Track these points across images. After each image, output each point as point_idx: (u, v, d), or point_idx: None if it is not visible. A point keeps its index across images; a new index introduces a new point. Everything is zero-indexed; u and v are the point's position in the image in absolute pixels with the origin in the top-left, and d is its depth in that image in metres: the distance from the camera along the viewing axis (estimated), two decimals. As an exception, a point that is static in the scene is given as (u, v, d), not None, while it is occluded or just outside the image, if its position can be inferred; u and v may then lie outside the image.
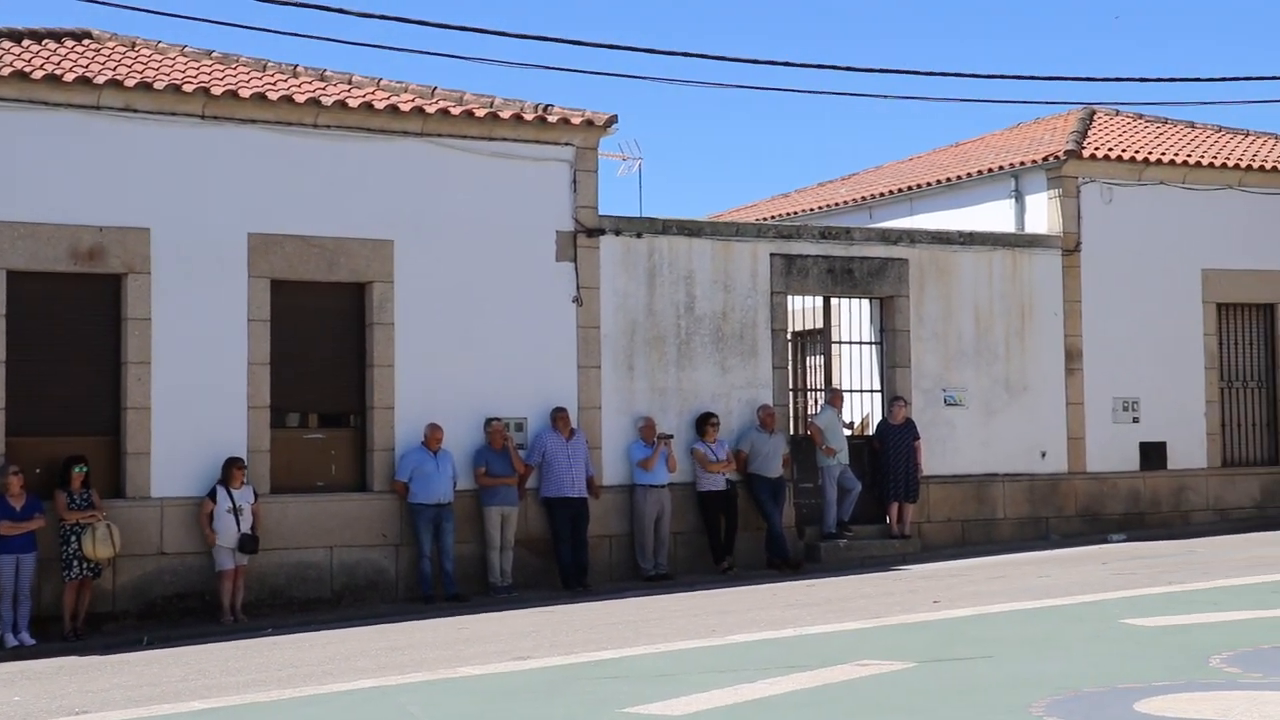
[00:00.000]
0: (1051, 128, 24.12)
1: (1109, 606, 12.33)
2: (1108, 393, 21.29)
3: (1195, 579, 14.29)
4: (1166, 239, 21.75)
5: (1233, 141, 24.02)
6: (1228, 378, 22.28)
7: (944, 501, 20.18)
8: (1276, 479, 22.33)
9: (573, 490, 17.45)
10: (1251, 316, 22.50)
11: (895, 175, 25.87)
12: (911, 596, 14.49)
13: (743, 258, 19.17)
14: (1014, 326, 20.76)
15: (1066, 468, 20.98)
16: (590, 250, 18.20)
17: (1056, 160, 21.19)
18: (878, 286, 20.03)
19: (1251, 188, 22.32)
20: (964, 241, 20.58)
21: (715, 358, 18.89)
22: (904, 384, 20.02)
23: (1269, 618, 11.13)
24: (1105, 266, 21.32)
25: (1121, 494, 21.34)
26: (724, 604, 14.91)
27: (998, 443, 20.56)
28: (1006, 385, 20.65)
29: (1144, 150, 22.10)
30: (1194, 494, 21.81)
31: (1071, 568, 16.51)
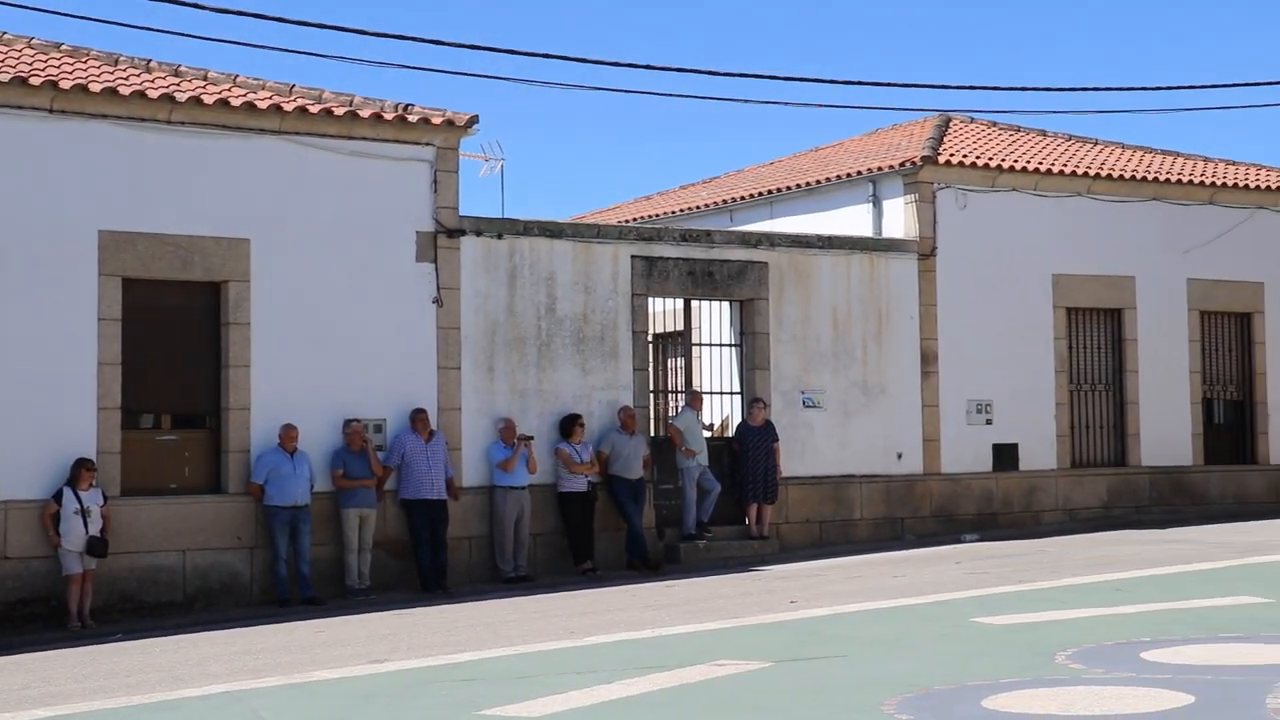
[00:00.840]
0: (908, 134, 24.51)
1: (960, 605, 12.54)
2: (962, 395, 21.68)
3: (1044, 578, 14.59)
4: (1019, 244, 22.21)
5: (1082, 149, 24.60)
6: (1077, 381, 22.81)
7: (802, 502, 20.40)
8: (1123, 480, 22.91)
9: (432, 492, 17.34)
10: (1100, 321, 23.06)
11: (756, 179, 26.09)
12: (769, 597, 14.62)
13: (604, 259, 19.20)
14: (871, 329, 21.05)
15: (922, 469, 21.33)
16: (451, 251, 18.10)
17: (913, 166, 21.53)
18: (738, 289, 20.18)
19: (1100, 195, 22.88)
20: (823, 245, 20.82)
21: (576, 359, 18.90)
22: (763, 386, 20.20)
23: (1112, 615, 11.41)
24: (960, 271, 21.71)
25: (975, 495, 21.74)
26: (583, 605, 14.91)
27: (855, 444, 20.83)
28: (864, 387, 20.93)
29: (997, 157, 22.54)
30: (1044, 494, 22.29)
31: (926, 567, 16.78)
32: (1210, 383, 23.86)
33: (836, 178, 22.67)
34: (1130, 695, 8.06)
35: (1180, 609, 11.60)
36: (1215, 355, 23.93)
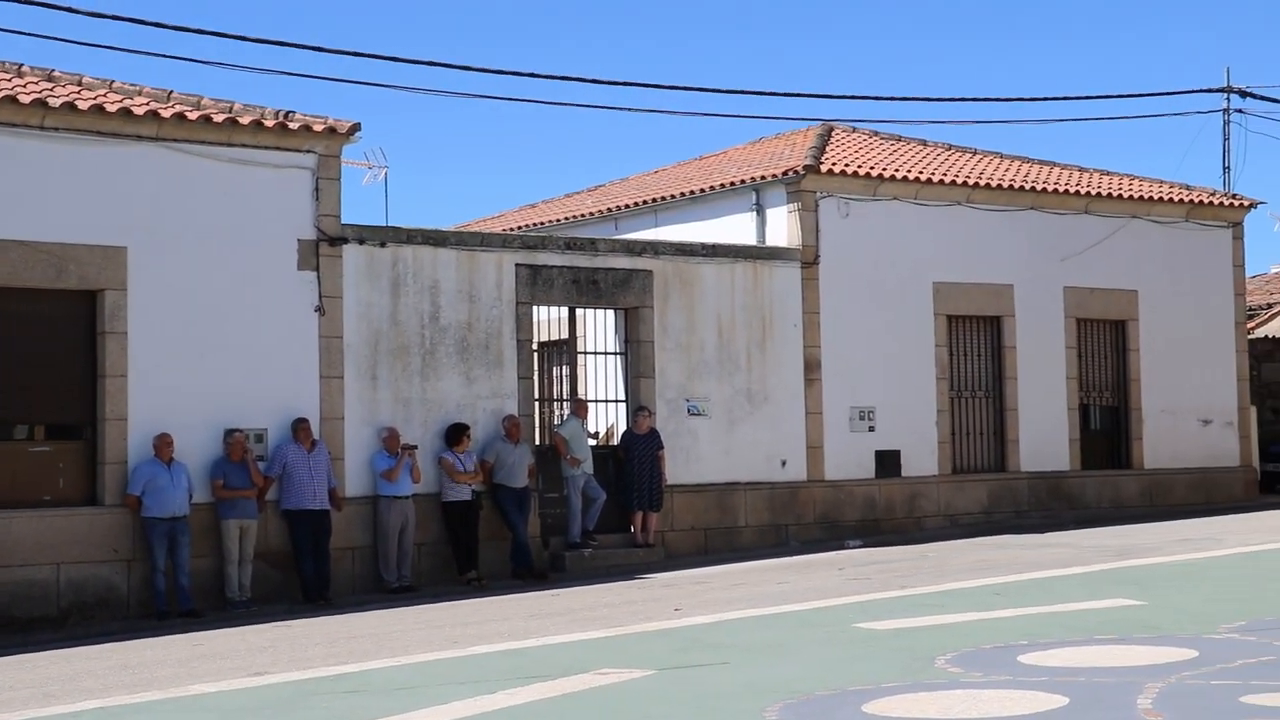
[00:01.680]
0: (792, 143, 24.71)
1: (843, 611, 12.64)
2: (845, 402, 21.87)
3: (925, 583, 14.76)
4: (900, 252, 22.47)
5: (962, 159, 24.96)
6: (957, 387, 23.12)
7: (687, 510, 20.45)
8: (1003, 485, 23.26)
9: (314, 502, 17.15)
10: (980, 328, 23.39)
11: (641, 187, 26.15)
12: (654, 605, 14.64)
13: (488, 268, 19.12)
14: (755, 337, 21.17)
15: (806, 476, 21.49)
16: (333, 259, 17.92)
17: (795, 175, 21.69)
18: (623, 297, 20.20)
19: (979, 204, 23.22)
20: (707, 253, 20.90)
21: (460, 368, 18.80)
22: (648, 394, 20.23)
23: (991, 619, 11.56)
24: (842, 279, 21.91)
25: (858, 501, 21.94)
26: (467, 615, 14.82)
27: (740, 452, 20.94)
28: (748, 395, 21.04)
29: (879, 167, 22.79)
30: (926, 500, 22.56)
31: (809, 574, 16.89)
32: (1087, 389, 24.31)
33: (721, 186, 22.80)
34: (1007, 698, 8.17)
35: (1057, 612, 11.79)
36: (1091, 362, 24.39)
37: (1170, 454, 24.68)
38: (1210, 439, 25.08)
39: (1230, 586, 13.07)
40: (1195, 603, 11.94)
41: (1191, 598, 12.30)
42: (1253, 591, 12.59)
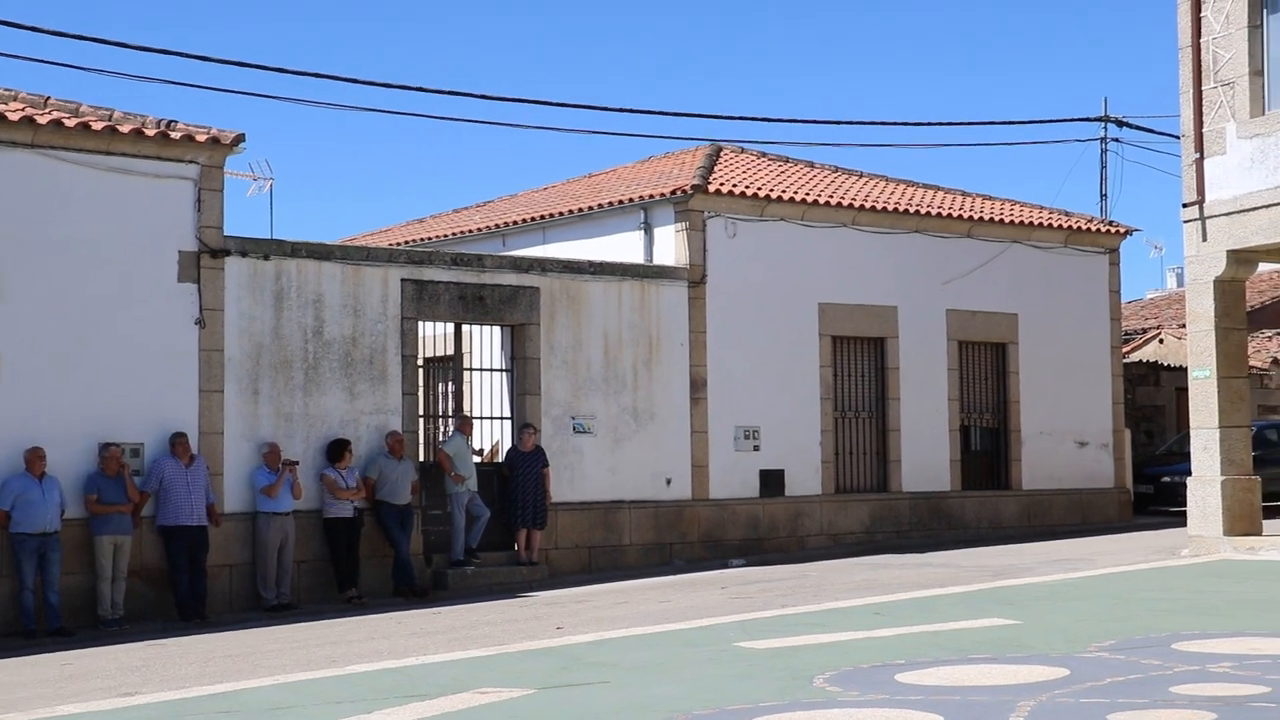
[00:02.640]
0: (680, 162, 24.80)
1: (724, 630, 12.64)
2: (730, 421, 21.96)
3: (806, 602, 14.83)
4: (786, 273, 22.62)
5: (849, 182, 25.21)
6: (841, 408, 23.31)
7: (572, 528, 20.40)
8: (885, 505, 23.48)
9: (191, 518, 16.86)
10: (864, 349, 23.62)
11: (529, 204, 26.10)
12: (536, 623, 14.57)
13: (374, 282, 18.96)
14: (642, 356, 21.19)
15: (690, 495, 21.54)
16: (215, 271, 17.66)
17: (684, 194, 21.77)
18: (509, 314, 20.13)
19: (865, 226, 23.45)
20: (594, 271, 20.90)
21: (344, 383, 18.61)
22: (534, 411, 20.17)
23: (870, 638, 11.64)
24: (729, 299, 22.01)
25: (742, 520, 22.03)
26: (346, 633, 14.64)
27: (625, 470, 20.93)
28: (634, 414, 21.05)
29: (766, 187, 22.95)
30: (809, 520, 22.70)
31: (692, 593, 16.91)
32: (968, 411, 24.63)
33: (609, 205, 22.81)
34: (883, 717, 8.22)
35: (934, 631, 11.89)
36: (972, 384, 24.72)
37: (1048, 475, 25.08)
38: (1086, 461, 25.53)
39: (1102, 606, 13.28)
40: (1068, 622, 12.11)
41: (1064, 617, 12.48)
42: (1123, 611, 12.80)
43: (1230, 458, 18.47)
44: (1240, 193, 18.30)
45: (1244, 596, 13.64)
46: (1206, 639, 10.54)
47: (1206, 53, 18.74)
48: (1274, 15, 18.22)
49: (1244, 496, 18.46)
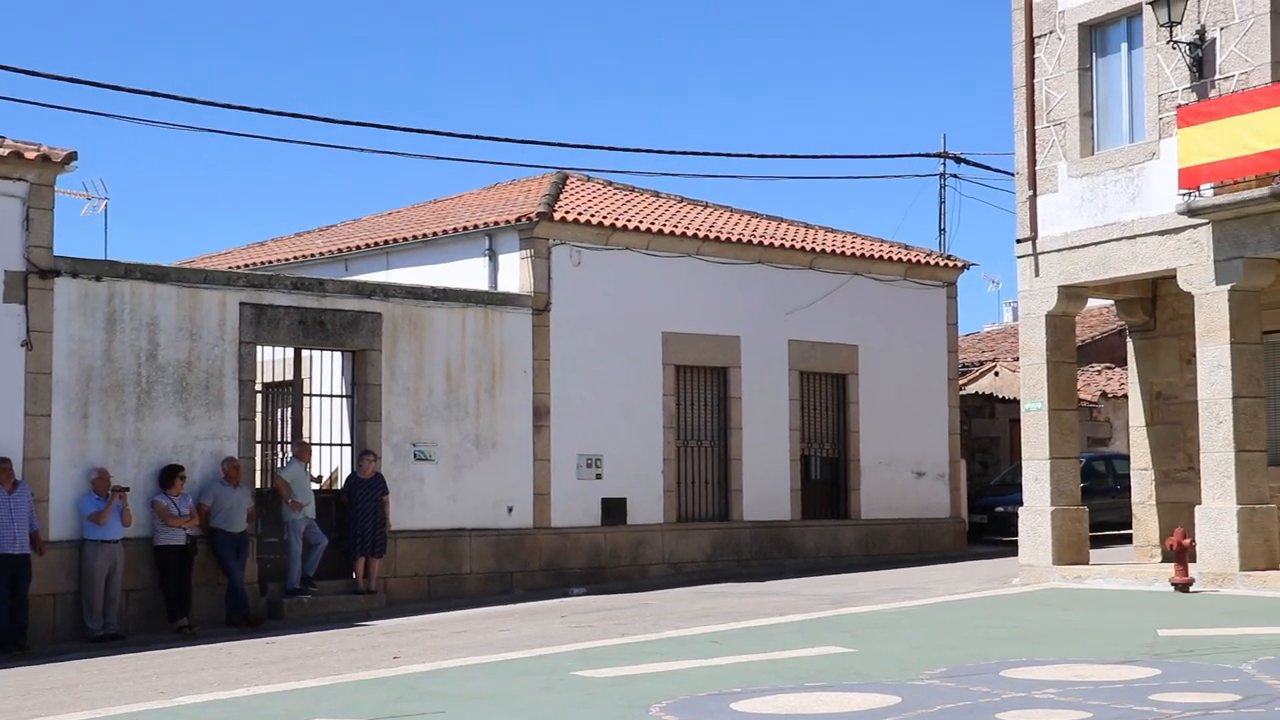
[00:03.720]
0: (526, 190, 24.76)
1: (563, 659, 12.59)
2: (573, 449, 21.93)
3: (646, 631, 14.84)
4: (631, 302, 22.68)
5: (693, 212, 25.38)
6: (684, 437, 23.41)
7: (411, 556, 20.18)
8: (726, 534, 23.60)
9: (13, 546, 16.33)
10: (707, 378, 23.75)
11: (373, 229, 25.85)
12: (373, 652, 14.36)
13: (211, 306, 18.60)
14: (485, 383, 21.07)
15: (532, 523, 21.44)
16: (43, 292, 17.18)
17: (529, 222, 21.73)
18: (350, 339, 19.89)
19: (709, 256, 23.61)
20: (438, 297, 20.75)
21: (179, 408, 18.21)
22: (374, 438, 19.93)
23: (708, 666, 11.67)
24: (574, 327, 22.00)
25: (584, 548, 21.99)
26: (176, 664, 14.29)
27: (466, 498, 20.78)
28: (476, 441, 20.92)
29: (611, 216, 23.00)
30: (651, 548, 22.74)
31: (532, 621, 16.82)
32: (808, 440, 24.88)
33: (454, 230, 22.67)
34: (717, 745, 8.22)
35: (772, 659, 11.96)
36: (813, 414, 24.99)
37: (886, 505, 25.43)
38: (923, 491, 25.94)
39: (935, 634, 13.48)
40: (902, 650, 12.26)
41: (899, 645, 12.64)
42: (955, 639, 13.00)
43: (1060, 488, 18.90)
44: (1071, 230, 18.78)
45: (1070, 624, 13.95)
46: (1034, 666, 10.75)
47: (1040, 93, 19.23)
48: (1103, 58, 18.77)
49: (1072, 526, 18.89)
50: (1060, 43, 18.96)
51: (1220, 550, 16.73)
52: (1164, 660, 10.90)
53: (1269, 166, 16.12)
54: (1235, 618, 13.72)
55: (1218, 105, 16.65)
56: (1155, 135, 17.81)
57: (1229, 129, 16.35)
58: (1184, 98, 17.37)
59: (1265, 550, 16.76)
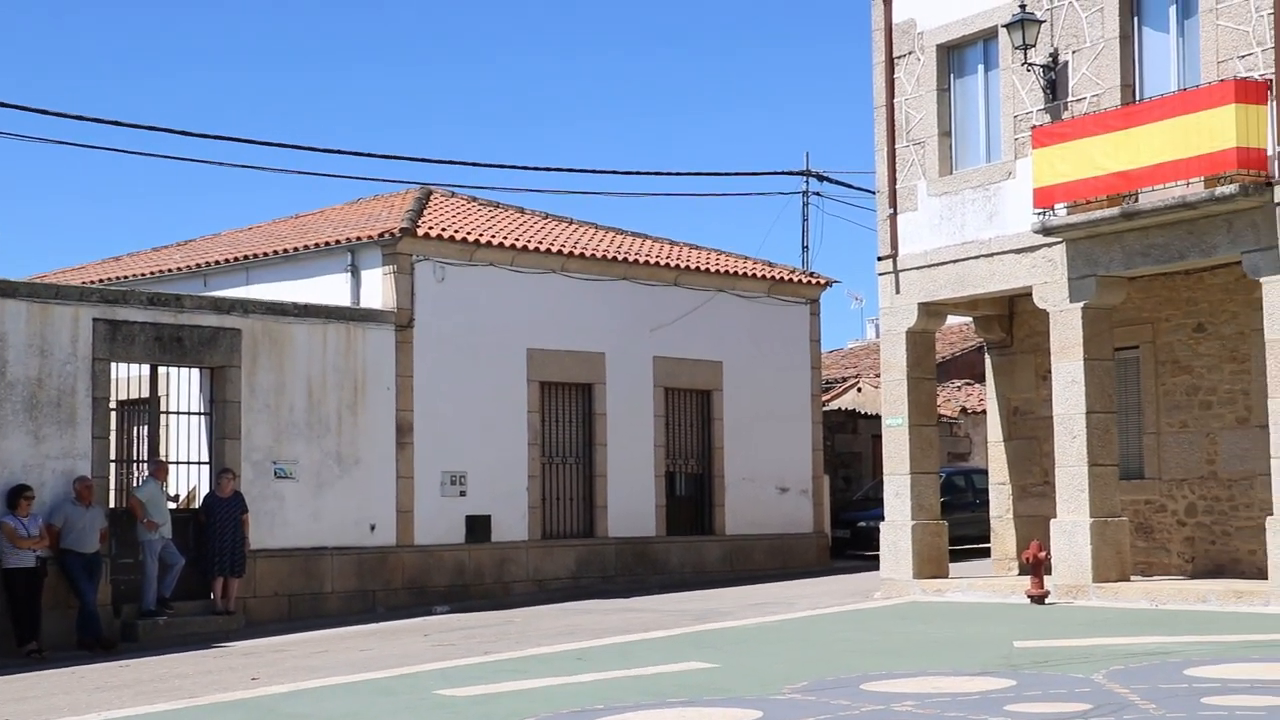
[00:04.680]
0: (389, 205, 24.56)
1: (425, 678, 12.47)
2: (437, 466, 21.75)
3: (510, 648, 14.75)
4: (495, 318, 22.57)
5: (558, 228, 25.35)
6: (549, 453, 23.34)
7: (271, 575, 19.86)
8: (591, 550, 23.56)
9: None
10: (572, 395, 23.71)
11: (232, 244, 25.46)
12: (230, 674, 14.10)
13: (63, 321, 18.16)
14: (347, 400, 20.83)
15: (395, 541, 21.23)
16: (-114, 306, 16.65)
17: (392, 237, 21.54)
18: (209, 356, 19.54)
19: (574, 273, 23.59)
20: (299, 313, 20.47)
21: (28, 426, 17.74)
22: (233, 456, 19.60)
23: (571, 684, 11.62)
24: (438, 343, 21.84)
25: (448, 566, 21.81)
26: (24, 689, 13.89)
27: (328, 516, 20.51)
28: (338, 458, 20.66)
29: (476, 232, 22.88)
30: (516, 565, 22.62)
31: (394, 640, 16.64)
32: (673, 456, 24.94)
33: (315, 246, 22.40)
34: (578, 763, 8.17)
35: (635, 676, 11.95)
36: (678, 430, 25.06)
37: (750, 520, 25.57)
38: (787, 506, 26.13)
39: (797, 648, 13.57)
40: (764, 665, 12.32)
41: (761, 660, 12.70)
42: (816, 653, 13.10)
43: (920, 503, 19.15)
44: (931, 248, 19.06)
45: (929, 637, 14.12)
46: (893, 679, 10.86)
47: (900, 112, 19.51)
48: (961, 79, 19.10)
49: (932, 540, 19.15)
50: (919, 63, 19.26)
51: (1074, 563, 17.06)
52: (1019, 671, 11.08)
53: (1120, 187, 16.51)
54: (1088, 628, 13.99)
55: (1070, 126, 17.02)
56: (1011, 155, 18.16)
57: (1081, 150, 16.71)
58: (1038, 119, 17.74)
59: (1117, 562, 17.12)
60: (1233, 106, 15.32)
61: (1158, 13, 17.02)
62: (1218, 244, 16.11)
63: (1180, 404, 18.45)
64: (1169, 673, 10.66)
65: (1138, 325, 18.71)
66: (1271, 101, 15.52)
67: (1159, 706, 9.20)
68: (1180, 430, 18.43)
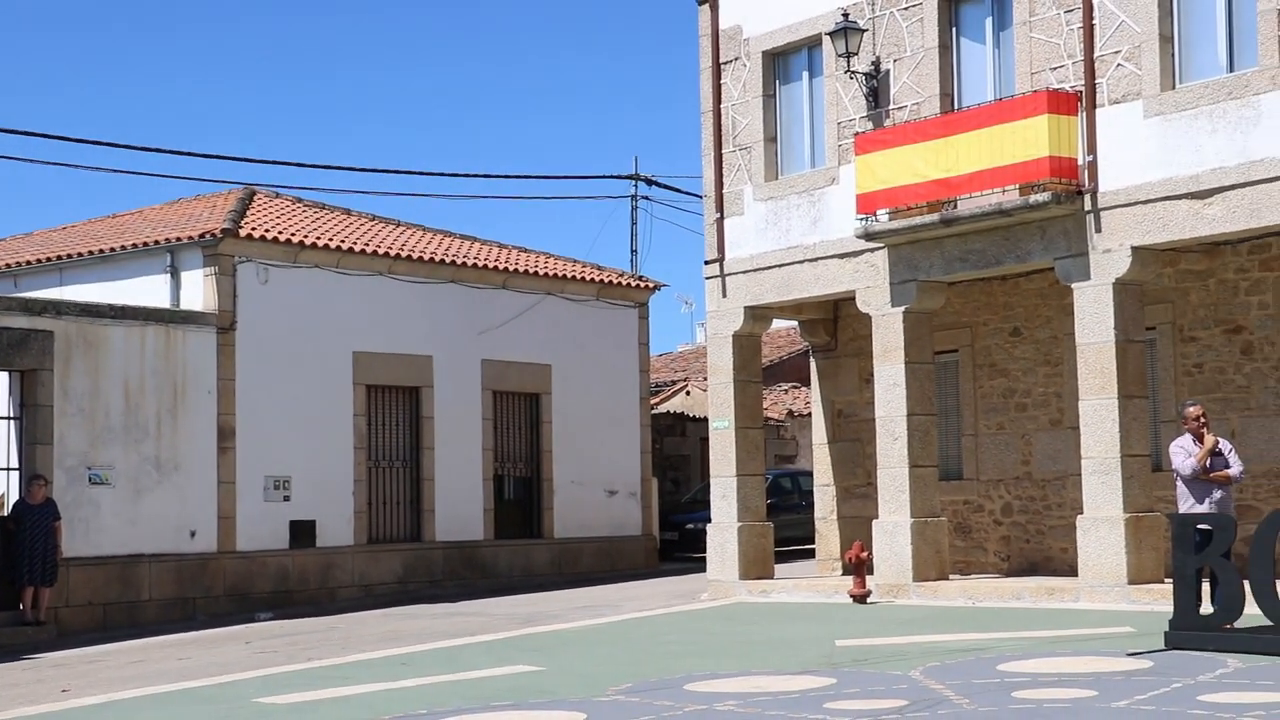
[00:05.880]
0: (211, 205, 24.08)
1: (244, 686, 12.22)
2: (260, 471, 21.39)
3: (333, 655, 14.55)
4: (321, 321, 22.26)
5: (385, 230, 25.09)
6: (375, 457, 23.08)
7: (85, 584, 19.33)
8: (418, 555, 23.36)
9: None
10: (399, 398, 23.48)
11: (45, 244, 24.74)
12: (39, 687, 13.68)
13: None
14: (167, 404, 20.36)
15: (216, 547, 20.82)
16: None
17: (213, 238, 21.12)
18: (19, 359, 18.95)
19: (401, 275, 23.37)
20: (115, 315, 19.96)
21: None
22: (45, 462, 19.03)
23: (395, 689, 11.48)
24: (261, 346, 21.47)
25: (271, 572, 21.44)
26: None
27: (146, 522, 20.04)
28: (157, 464, 20.19)
29: (300, 233, 22.54)
30: (341, 571, 22.33)
31: (214, 649, 16.30)
32: (502, 460, 24.85)
33: (133, 246, 21.88)
34: (398, 769, 8.07)
35: (459, 680, 11.85)
36: (506, 433, 24.97)
37: (578, 523, 25.58)
38: (615, 509, 26.20)
39: (623, 650, 13.58)
40: (590, 667, 12.31)
41: (586, 663, 12.69)
42: (643, 655, 13.13)
43: (746, 505, 19.32)
44: (757, 252, 19.26)
45: (753, 637, 14.25)
46: (717, 679, 10.92)
47: (727, 118, 19.68)
48: (786, 86, 19.33)
49: (758, 542, 19.34)
50: (746, 69, 19.45)
51: (895, 562, 17.36)
52: (839, 669, 11.22)
53: (940, 194, 16.85)
54: (907, 627, 14.24)
55: (892, 134, 17.33)
56: (835, 161, 18.42)
57: (903, 157, 17.02)
58: (861, 126, 18.03)
59: (936, 561, 17.47)
60: (1045, 117, 15.74)
61: (975, 24, 17.42)
62: (1032, 250, 16.54)
63: (997, 406, 18.90)
64: (983, 668, 10.89)
65: (957, 329, 19.13)
66: (1082, 113, 15.98)
67: (972, 701, 9.39)
68: (997, 432, 18.89)
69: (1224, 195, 14.99)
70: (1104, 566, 15.57)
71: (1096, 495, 15.79)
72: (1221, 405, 16.53)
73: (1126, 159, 15.70)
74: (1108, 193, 15.83)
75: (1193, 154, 15.22)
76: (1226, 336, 16.82)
